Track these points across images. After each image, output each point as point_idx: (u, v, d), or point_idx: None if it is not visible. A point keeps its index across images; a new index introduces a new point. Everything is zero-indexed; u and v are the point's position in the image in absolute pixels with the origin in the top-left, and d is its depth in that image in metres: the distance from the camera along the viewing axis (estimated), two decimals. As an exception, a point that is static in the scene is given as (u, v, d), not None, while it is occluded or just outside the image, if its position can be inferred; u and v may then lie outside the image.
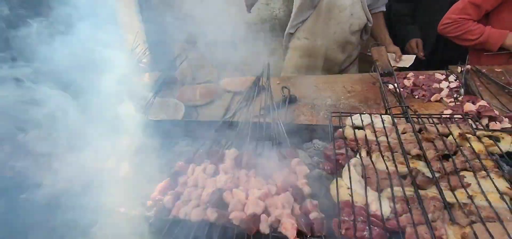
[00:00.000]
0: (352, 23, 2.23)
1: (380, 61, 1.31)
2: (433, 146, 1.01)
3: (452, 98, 1.69)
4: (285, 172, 1.05)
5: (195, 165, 1.13)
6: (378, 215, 0.85)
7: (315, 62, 2.46)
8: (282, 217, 0.90)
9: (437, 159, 0.96)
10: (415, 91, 1.85)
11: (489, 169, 0.91)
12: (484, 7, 2.07)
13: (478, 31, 2.08)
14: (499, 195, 0.84)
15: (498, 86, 1.78)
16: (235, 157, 1.15)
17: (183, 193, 1.04)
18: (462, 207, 0.83)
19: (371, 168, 0.98)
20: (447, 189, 0.89)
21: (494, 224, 0.78)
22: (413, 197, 0.88)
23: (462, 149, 0.98)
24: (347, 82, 2.00)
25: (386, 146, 1.04)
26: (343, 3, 2.19)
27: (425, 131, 1.07)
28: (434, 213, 0.83)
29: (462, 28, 2.12)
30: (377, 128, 1.13)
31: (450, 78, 1.90)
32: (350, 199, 0.90)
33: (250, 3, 2.42)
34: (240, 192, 1.00)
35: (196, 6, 3.54)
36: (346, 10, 2.19)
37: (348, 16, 2.21)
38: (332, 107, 1.71)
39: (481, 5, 2.07)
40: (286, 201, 0.94)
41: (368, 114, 1.17)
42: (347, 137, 1.12)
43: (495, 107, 1.52)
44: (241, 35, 3.70)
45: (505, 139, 0.99)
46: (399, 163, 0.97)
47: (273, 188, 1.00)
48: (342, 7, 2.19)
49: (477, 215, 0.80)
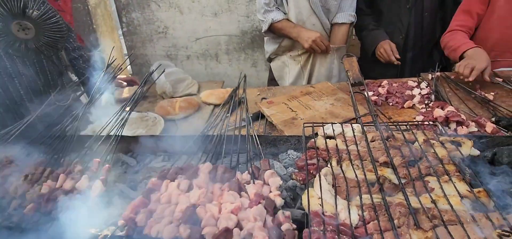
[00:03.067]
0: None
1: (351, 71, 1.35)
2: (400, 153, 1.04)
3: (424, 105, 1.76)
4: (258, 184, 1.06)
5: (169, 180, 1.13)
6: (347, 224, 0.87)
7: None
8: (254, 230, 0.90)
9: (403, 165, 1.00)
10: (389, 98, 1.91)
11: (451, 173, 0.95)
12: (474, 11, 2.12)
13: (456, 42, 2.06)
14: (460, 198, 0.87)
15: (466, 92, 1.87)
16: (209, 171, 1.15)
17: (156, 210, 1.03)
18: (426, 211, 0.86)
19: (341, 177, 1.00)
20: (413, 194, 0.92)
21: (455, 226, 0.81)
22: (381, 204, 0.90)
23: (426, 154, 1.02)
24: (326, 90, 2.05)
25: (355, 155, 1.07)
26: (301, 19, 2.31)
27: (393, 138, 1.10)
28: (400, 219, 0.85)
29: (449, 38, 2.14)
30: (348, 137, 1.16)
31: (421, 85, 1.98)
32: (321, 208, 0.91)
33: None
34: (213, 207, 1.00)
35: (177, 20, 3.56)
36: (304, 24, 2.32)
37: (310, 27, 2.33)
38: (311, 117, 1.74)
39: (470, 9, 2.13)
40: (258, 214, 0.95)
41: (339, 124, 1.20)
42: (319, 147, 1.14)
43: (463, 112, 1.59)
44: (222, 48, 3.74)
45: (465, 144, 1.04)
46: (368, 171, 1.00)
47: (246, 201, 1.01)
48: (301, 22, 2.32)
49: (440, 219, 0.83)
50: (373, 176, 0.99)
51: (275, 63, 2.62)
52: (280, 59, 2.57)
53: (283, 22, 2.32)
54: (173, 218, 0.99)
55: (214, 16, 3.36)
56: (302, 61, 2.47)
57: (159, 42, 3.52)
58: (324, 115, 1.76)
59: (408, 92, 1.92)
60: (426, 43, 2.52)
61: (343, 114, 1.74)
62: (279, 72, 2.61)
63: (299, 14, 2.29)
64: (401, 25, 2.41)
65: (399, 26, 2.42)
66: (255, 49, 3.51)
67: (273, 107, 1.85)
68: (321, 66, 2.44)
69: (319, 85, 2.15)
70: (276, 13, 2.31)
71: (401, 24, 2.41)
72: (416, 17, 2.39)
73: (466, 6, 2.16)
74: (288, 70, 2.53)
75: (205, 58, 3.59)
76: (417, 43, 2.48)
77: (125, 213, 1.03)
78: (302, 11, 2.28)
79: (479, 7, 2.11)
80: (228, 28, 3.41)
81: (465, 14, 2.16)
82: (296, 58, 2.49)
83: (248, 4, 3.30)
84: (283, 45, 2.48)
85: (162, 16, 3.41)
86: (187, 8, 3.34)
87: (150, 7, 3.37)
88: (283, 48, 2.51)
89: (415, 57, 2.53)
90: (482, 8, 2.11)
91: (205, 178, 1.11)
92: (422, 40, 2.48)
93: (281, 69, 2.59)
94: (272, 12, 2.32)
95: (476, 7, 2.12)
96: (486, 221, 0.81)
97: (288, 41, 2.43)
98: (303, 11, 2.28)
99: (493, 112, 1.60)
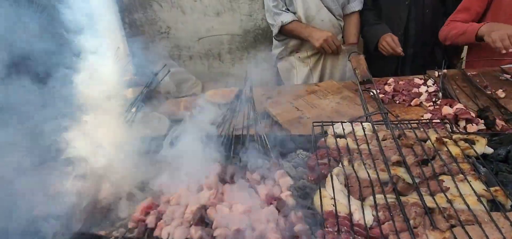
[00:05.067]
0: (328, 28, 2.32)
1: (359, 69, 1.34)
2: (412, 152, 1.03)
3: (431, 102, 1.74)
4: (269, 185, 1.04)
5: (178, 182, 1.11)
6: (362, 225, 0.86)
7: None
8: (266, 232, 0.89)
9: (416, 165, 0.98)
10: (395, 96, 1.89)
11: (466, 172, 0.93)
12: (474, 9, 2.14)
13: (461, 26, 2.12)
14: (476, 197, 0.86)
15: (474, 88, 1.85)
16: (219, 171, 1.13)
17: (166, 212, 1.01)
18: (442, 211, 0.84)
19: (354, 177, 0.99)
20: (427, 194, 0.90)
21: (472, 227, 0.80)
22: (395, 204, 0.89)
23: (439, 153, 1.00)
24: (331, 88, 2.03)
25: (367, 154, 1.06)
26: (310, 14, 2.29)
27: (404, 136, 1.09)
28: (415, 219, 0.84)
29: (450, 27, 2.19)
30: (359, 136, 1.14)
31: (428, 83, 1.95)
32: (334, 209, 0.90)
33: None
34: (224, 208, 0.98)
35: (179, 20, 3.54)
36: (313, 20, 2.30)
37: (319, 24, 2.31)
38: (317, 116, 1.72)
39: (470, 7, 2.14)
40: (270, 215, 0.93)
41: (349, 123, 1.18)
42: (330, 146, 1.13)
43: (472, 110, 1.57)
44: (225, 47, 3.72)
45: (479, 142, 1.02)
46: (381, 170, 0.99)
47: (257, 201, 0.99)
48: (310, 18, 2.31)
49: (456, 219, 0.82)
50: (386, 176, 0.98)
51: (282, 64, 2.56)
52: (287, 61, 2.52)
53: (294, 24, 2.28)
54: (183, 219, 0.98)
55: (217, 16, 3.34)
56: (311, 63, 2.44)
57: (162, 43, 3.51)
58: (330, 114, 1.74)
59: (414, 90, 1.90)
60: (428, 40, 2.51)
61: (350, 112, 1.72)
62: (287, 73, 2.57)
63: (307, 10, 2.27)
64: (400, 21, 2.40)
65: (397, 22, 2.42)
66: (258, 48, 3.49)
67: (279, 107, 1.83)
68: (333, 68, 2.41)
69: (324, 84, 2.13)
70: (285, 15, 2.28)
71: (399, 20, 2.40)
72: (417, 13, 2.38)
73: (467, 3, 2.17)
74: (295, 72, 2.50)
75: (208, 58, 3.57)
76: (419, 40, 2.48)
77: (134, 215, 1.02)
78: (310, 6, 2.27)
79: (479, 5, 2.13)
80: (231, 28, 3.39)
81: (465, 11, 2.17)
82: (304, 60, 2.46)
83: (251, 3, 3.28)
84: (290, 45, 2.46)
85: (164, 16, 3.39)
86: (189, 8, 3.32)
87: (152, 8, 3.36)
88: (290, 49, 2.48)
89: (416, 53, 2.52)
90: (481, 5, 2.13)
91: (215, 179, 1.10)
92: (423, 36, 2.47)
93: (289, 71, 2.53)
94: (282, 15, 2.28)
95: (476, 5, 2.14)
96: (504, 220, 0.79)
97: (296, 42, 2.41)
98: (311, 6, 2.26)
99: (504, 109, 1.58)
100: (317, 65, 2.44)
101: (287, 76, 2.58)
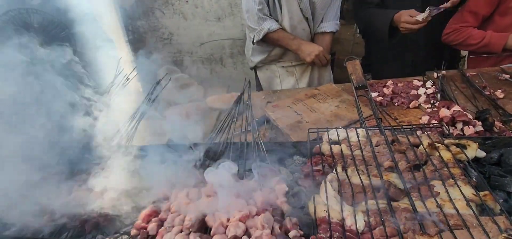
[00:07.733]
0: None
1: (355, 75, 1.36)
2: (405, 157, 1.05)
3: (430, 104, 1.75)
4: (265, 191, 1.08)
5: (178, 189, 1.16)
6: (353, 230, 0.88)
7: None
8: (262, 237, 0.92)
9: (408, 170, 1.00)
10: (394, 98, 1.90)
11: (456, 177, 0.95)
12: (481, 13, 2.17)
13: (479, 35, 2.15)
14: (466, 202, 0.88)
15: (473, 90, 1.85)
16: (218, 179, 1.17)
17: (167, 219, 1.06)
18: (432, 216, 0.87)
19: (347, 183, 1.01)
20: (418, 199, 0.93)
21: (461, 231, 0.82)
22: (387, 209, 0.91)
23: (431, 158, 1.02)
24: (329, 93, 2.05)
25: (360, 160, 1.08)
26: (293, 24, 2.25)
27: (398, 142, 1.11)
28: (405, 224, 0.86)
29: (463, 35, 2.21)
30: (353, 142, 1.17)
31: (427, 84, 1.96)
32: (327, 215, 0.93)
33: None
34: (222, 215, 1.02)
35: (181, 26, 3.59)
36: (295, 30, 2.28)
37: (301, 33, 2.30)
38: (317, 120, 1.75)
39: (478, 11, 2.17)
40: (266, 221, 0.97)
41: (344, 129, 1.21)
42: (325, 153, 1.15)
43: (469, 112, 1.58)
44: (227, 52, 3.77)
45: (471, 146, 1.04)
46: (373, 176, 1.01)
47: (253, 208, 1.03)
48: (292, 27, 2.27)
49: (445, 224, 0.84)
50: (379, 181, 1.00)
51: (263, 73, 2.50)
52: (268, 69, 2.46)
53: (280, 32, 2.20)
54: (183, 226, 1.02)
55: (218, 21, 3.38)
56: (297, 73, 2.41)
57: (165, 49, 3.57)
58: (329, 118, 1.77)
59: (413, 92, 1.91)
60: (437, 40, 2.49)
61: (349, 116, 1.75)
62: (268, 82, 2.50)
63: (291, 20, 2.22)
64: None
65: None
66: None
67: (278, 111, 1.86)
68: (321, 78, 2.40)
69: (324, 87, 2.16)
70: (270, 21, 2.18)
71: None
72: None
73: (474, 7, 2.16)
74: (279, 81, 2.44)
75: (210, 62, 3.63)
76: (428, 41, 2.47)
77: (137, 223, 1.06)
78: (293, 17, 2.22)
79: (486, 9, 2.14)
80: (232, 32, 3.44)
81: (471, 15, 2.17)
82: (288, 69, 2.42)
83: (251, 7, 3.31)
84: (272, 54, 2.38)
85: (166, 23, 3.46)
86: (191, 14, 3.38)
87: (155, 15, 3.42)
88: (272, 58, 2.40)
89: (424, 54, 2.51)
90: (488, 10, 2.14)
91: (213, 186, 1.14)
92: (433, 37, 2.46)
93: (271, 79, 2.48)
94: (267, 21, 2.18)
95: (484, 9, 2.14)
96: (492, 225, 0.81)
97: (278, 50, 2.33)
98: (294, 16, 2.21)
99: (502, 110, 1.58)
100: (304, 75, 2.41)
101: (269, 85, 2.52)
